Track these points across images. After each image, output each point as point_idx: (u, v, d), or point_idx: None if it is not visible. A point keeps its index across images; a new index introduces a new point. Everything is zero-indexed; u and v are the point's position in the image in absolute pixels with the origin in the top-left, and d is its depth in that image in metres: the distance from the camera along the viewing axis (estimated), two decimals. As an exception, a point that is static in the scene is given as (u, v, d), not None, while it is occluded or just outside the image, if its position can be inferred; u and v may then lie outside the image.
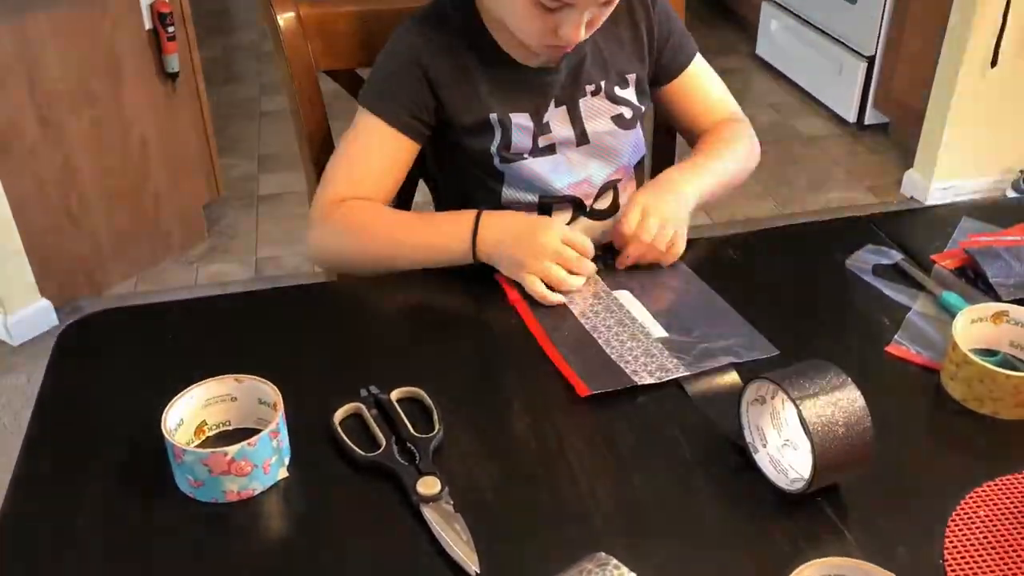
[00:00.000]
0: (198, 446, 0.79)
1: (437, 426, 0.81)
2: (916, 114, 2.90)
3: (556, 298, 0.99)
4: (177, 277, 2.58)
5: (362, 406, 0.83)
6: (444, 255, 1.05)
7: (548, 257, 0.99)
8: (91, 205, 2.39)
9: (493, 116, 1.11)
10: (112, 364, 0.93)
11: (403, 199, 1.27)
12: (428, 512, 0.73)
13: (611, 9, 1.04)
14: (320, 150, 1.25)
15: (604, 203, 1.20)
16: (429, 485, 0.75)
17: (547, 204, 1.16)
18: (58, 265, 2.37)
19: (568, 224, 1.13)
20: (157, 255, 2.62)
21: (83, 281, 2.44)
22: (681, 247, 1.05)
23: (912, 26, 2.99)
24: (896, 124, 3.23)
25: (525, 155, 1.12)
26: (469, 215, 1.04)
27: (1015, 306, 0.87)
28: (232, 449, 0.72)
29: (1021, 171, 2.83)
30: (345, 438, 0.80)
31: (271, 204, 2.93)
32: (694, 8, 4.35)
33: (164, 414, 0.75)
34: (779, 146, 3.26)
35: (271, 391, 0.78)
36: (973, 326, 0.87)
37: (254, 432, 0.75)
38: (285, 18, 1.17)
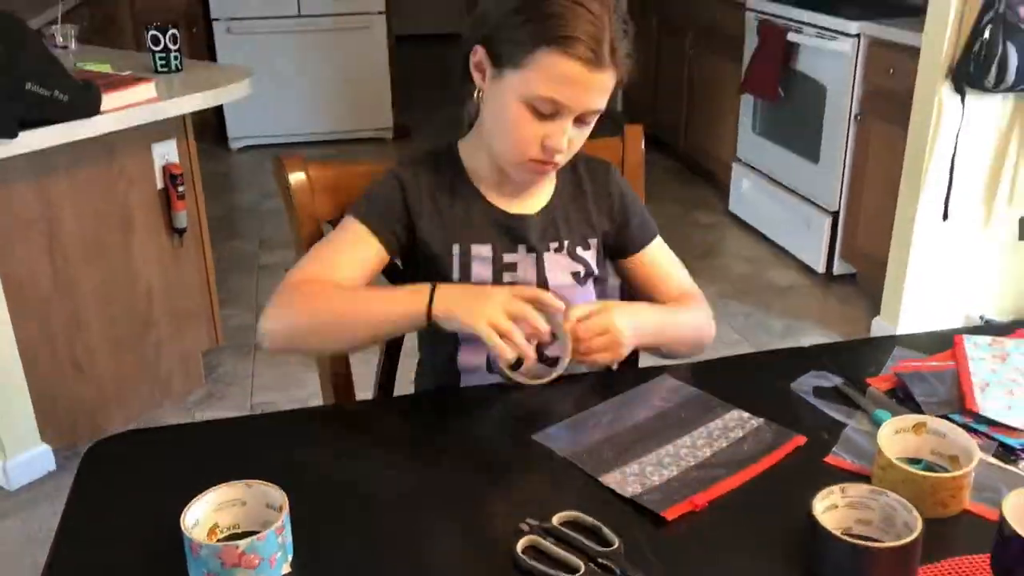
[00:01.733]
0: (210, 547, 0.88)
1: (615, 540, 0.89)
2: (880, 265, 3.08)
3: (509, 353, 1.06)
4: (175, 422, 2.66)
5: (537, 537, 0.89)
6: (401, 320, 1.14)
7: (500, 307, 1.08)
8: (96, 353, 2.49)
9: (456, 247, 1.24)
10: (130, 480, 1.03)
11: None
12: None
13: (585, 135, 1.19)
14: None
15: (557, 349, 1.29)
16: None
17: None
18: (61, 411, 2.45)
19: (515, 369, 1.16)
20: (156, 400, 2.70)
21: (84, 425, 2.51)
22: (618, 353, 1.15)
23: (870, 183, 3.22)
24: (863, 274, 3.41)
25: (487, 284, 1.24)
26: (424, 285, 1.14)
27: (933, 417, 0.99)
28: (243, 543, 0.82)
29: (981, 317, 2.99)
30: (544, 567, 0.85)
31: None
32: (672, 169, 4.66)
33: (183, 514, 0.85)
34: (754, 296, 3.43)
35: (278, 494, 0.88)
36: (897, 436, 0.98)
37: (261, 532, 0.84)
38: (295, 177, 1.33)
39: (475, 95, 1.22)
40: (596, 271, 1.32)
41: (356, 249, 1.23)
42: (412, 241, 1.25)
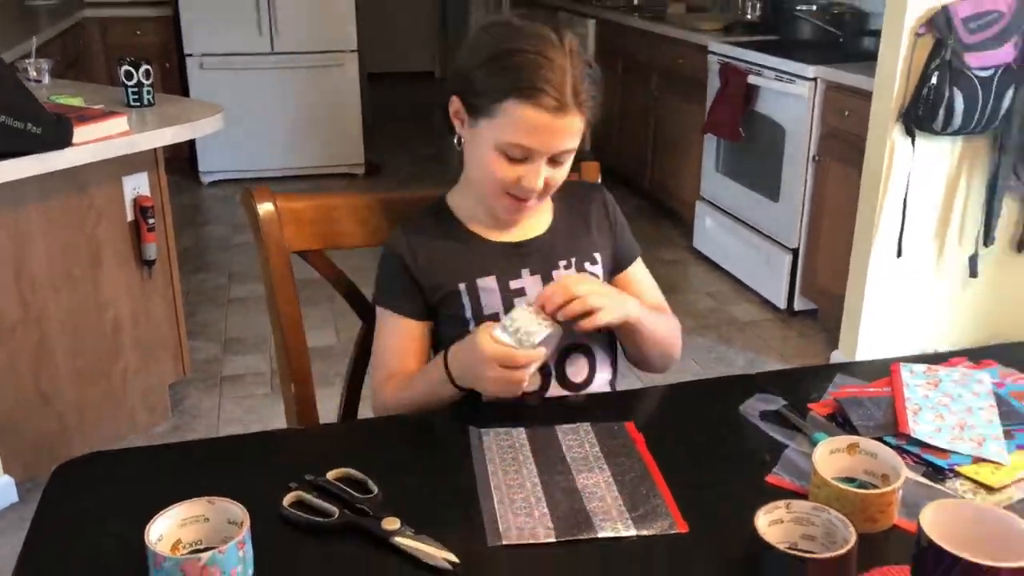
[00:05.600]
0: (173, 562, 0.90)
1: (375, 489, 1.03)
2: (839, 300, 3.16)
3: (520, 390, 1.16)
4: (140, 453, 2.67)
5: (302, 492, 1.02)
6: (444, 394, 1.24)
7: (489, 369, 1.14)
8: (61, 383, 2.50)
9: (461, 286, 1.30)
10: (95, 500, 1.05)
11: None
12: (399, 540, 0.95)
13: (564, 172, 1.26)
14: (289, 325, 1.41)
15: (579, 374, 1.35)
16: (391, 522, 0.96)
17: None
18: (25, 442, 2.45)
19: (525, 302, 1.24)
20: (121, 432, 2.70)
21: (46, 457, 2.49)
22: (598, 320, 1.18)
23: (828, 222, 3.31)
24: (823, 310, 3.50)
25: (499, 313, 1.29)
26: (440, 359, 1.24)
27: (864, 439, 1.04)
28: (205, 556, 0.85)
29: (935, 351, 3.07)
30: (302, 513, 0.98)
31: (234, 385, 3.06)
32: (638, 207, 4.75)
33: (147, 528, 0.88)
34: (716, 330, 3.50)
35: (239, 511, 0.91)
36: (832, 456, 1.03)
37: (223, 547, 0.87)
38: (264, 208, 1.37)
39: (456, 141, 1.31)
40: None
41: (403, 338, 1.34)
42: (428, 299, 1.33)
